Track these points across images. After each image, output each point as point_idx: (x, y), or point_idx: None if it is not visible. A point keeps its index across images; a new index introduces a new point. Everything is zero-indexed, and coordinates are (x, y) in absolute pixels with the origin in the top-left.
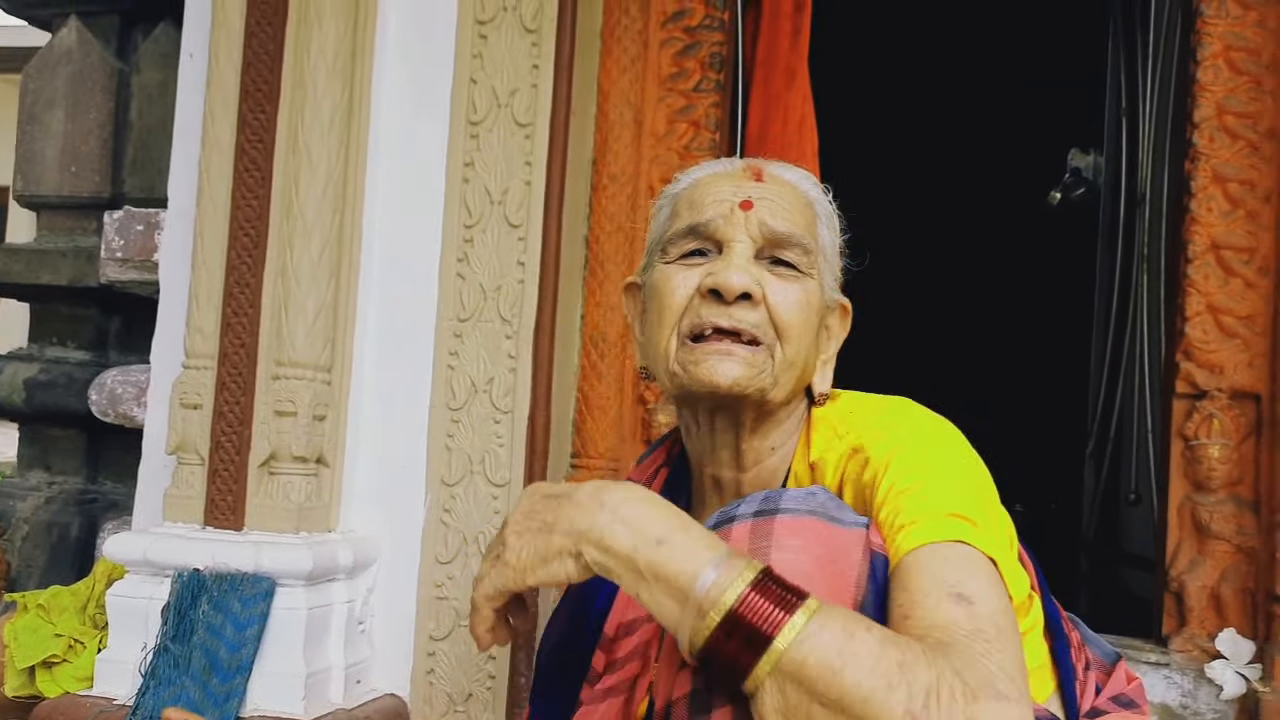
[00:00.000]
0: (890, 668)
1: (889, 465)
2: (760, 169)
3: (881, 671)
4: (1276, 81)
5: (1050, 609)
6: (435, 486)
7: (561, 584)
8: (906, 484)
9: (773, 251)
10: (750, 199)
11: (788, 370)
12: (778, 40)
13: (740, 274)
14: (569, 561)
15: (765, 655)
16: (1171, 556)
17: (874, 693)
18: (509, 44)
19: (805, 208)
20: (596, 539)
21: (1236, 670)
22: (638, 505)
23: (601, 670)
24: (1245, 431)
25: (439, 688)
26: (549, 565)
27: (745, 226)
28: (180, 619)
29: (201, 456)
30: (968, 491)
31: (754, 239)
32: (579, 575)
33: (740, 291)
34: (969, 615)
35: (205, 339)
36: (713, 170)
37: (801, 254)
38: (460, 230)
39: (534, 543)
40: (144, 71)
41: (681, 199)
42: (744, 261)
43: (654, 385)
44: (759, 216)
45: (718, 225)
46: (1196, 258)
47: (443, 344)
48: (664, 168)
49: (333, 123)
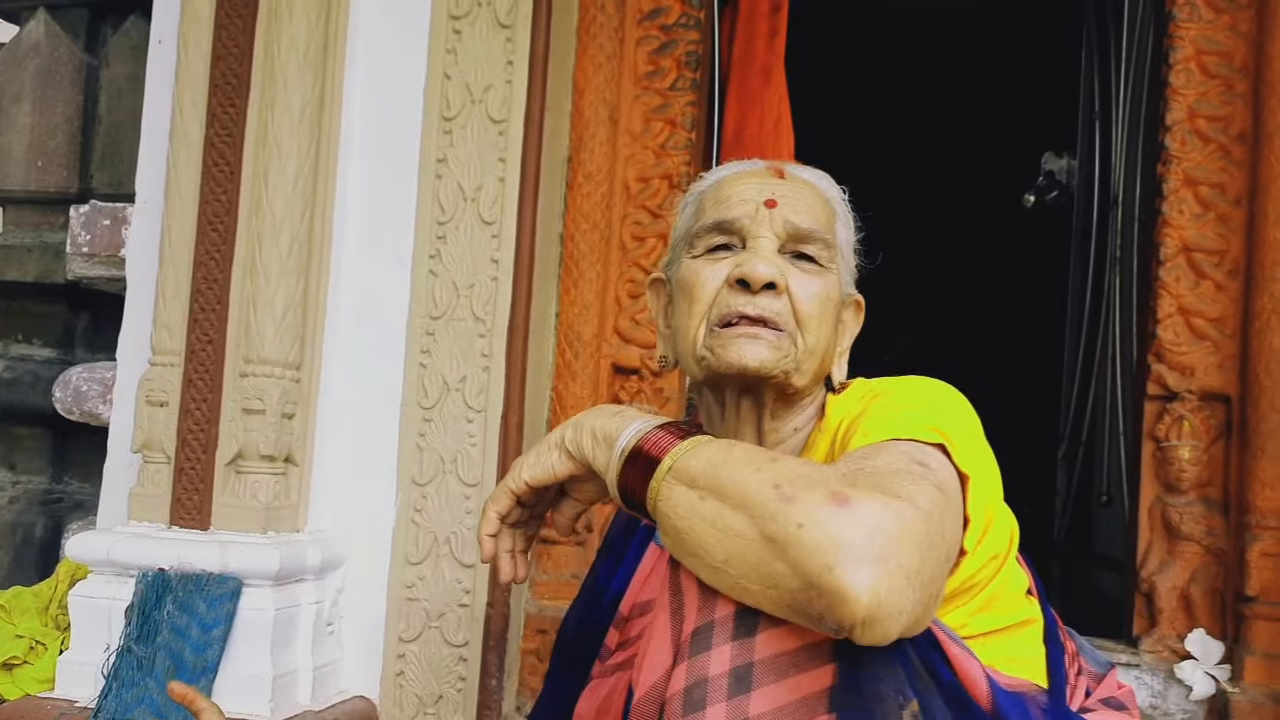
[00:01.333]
0: (763, 461)
1: (875, 400)
2: (782, 169)
3: (755, 463)
4: (1247, 85)
5: (1047, 616)
6: (406, 486)
7: (552, 472)
8: (886, 408)
9: (795, 246)
10: (774, 197)
11: (809, 357)
12: (754, 40)
13: (766, 264)
14: (555, 452)
15: (659, 466)
16: (1142, 558)
17: (746, 475)
18: (483, 39)
19: (824, 205)
20: (574, 426)
21: (1206, 671)
22: (603, 411)
23: (614, 648)
24: (1215, 433)
25: (409, 689)
26: (541, 460)
27: (770, 223)
28: (144, 620)
29: (167, 455)
30: (954, 422)
31: (778, 234)
32: (561, 462)
33: (766, 281)
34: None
35: (172, 335)
36: (736, 169)
37: (822, 249)
38: (433, 227)
39: (532, 453)
40: (113, 65)
41: (707, 196)
42: (769, 254)
43: (629, 385)
44: (783, 214)
45: (743, 222)
46: (1168, 260)
47: (415, 342)
48: (640, 166)
49: (303, 117)
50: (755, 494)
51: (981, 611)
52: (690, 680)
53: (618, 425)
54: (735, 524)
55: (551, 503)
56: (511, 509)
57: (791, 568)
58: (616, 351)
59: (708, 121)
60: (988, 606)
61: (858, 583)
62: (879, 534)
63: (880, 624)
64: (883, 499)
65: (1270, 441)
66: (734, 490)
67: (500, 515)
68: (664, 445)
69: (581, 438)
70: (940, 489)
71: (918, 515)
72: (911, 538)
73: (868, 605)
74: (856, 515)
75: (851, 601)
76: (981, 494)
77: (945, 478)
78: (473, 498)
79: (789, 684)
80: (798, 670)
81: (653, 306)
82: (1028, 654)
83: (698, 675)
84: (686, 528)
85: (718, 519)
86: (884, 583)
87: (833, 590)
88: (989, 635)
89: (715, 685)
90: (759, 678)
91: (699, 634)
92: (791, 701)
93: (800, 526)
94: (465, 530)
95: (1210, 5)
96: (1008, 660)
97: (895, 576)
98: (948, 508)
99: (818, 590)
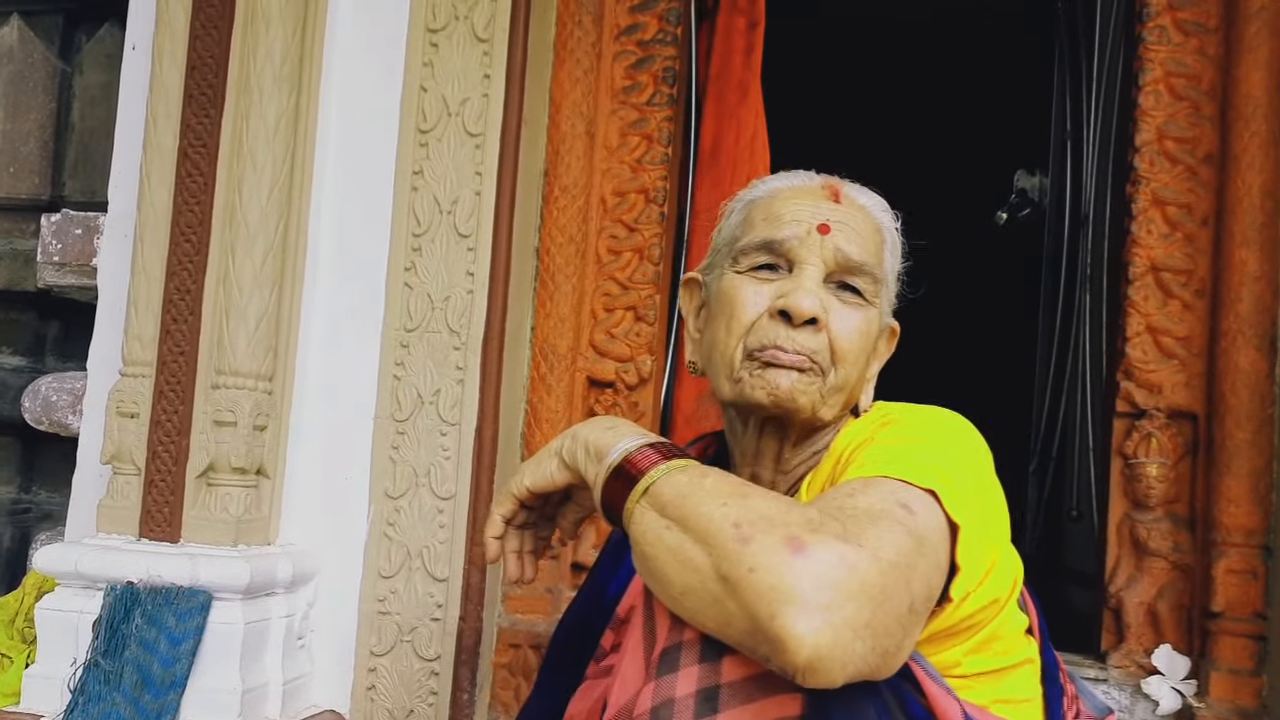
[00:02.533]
0: (732, 495)
1: (883, 428)
2: (838, 189)
3: (722, 497)
4: (1215, 108)
5: (1049, 658)
6: (379, 499)
7: (550, 480)
8: (889, 440)
9: (842, 277)
10: (828, 223)
11: (837, 393)
12: (731, 57)
13: (810, 298)
14: (554, 460)
15: (635, 488)
16: (1110, 573)
17: (710, 509)
18: (460, 53)
19: (875, 234)
20: (571, 437)
21: (1172, 686)
22: (599, 424)
23: (609, 649)
24: (1182, 451)
25: (380, 704)
26: (542, 467)
27: (820, 250)
28: (112, 633)
29: (138, 466)
30: (955, 465)
31: (826, 263)
32: (559, 470)
33: (809, 316)
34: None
35: (144, 346)
36: (791, 183)
37: (869, 282)
38: (408, 239)
39: (535, 459)
40: (87, 73)
41: (758, 207)
42: (814, 285)
43: (605, 399)
44: (835, 242)
45: (793, 245)
46: (1137, 279)
47: (389, 354)
48: (616, 180)
49: (279, 128)
50: (716, 531)
51: (977, 652)
52: (657, 700)
53: (609, 441)
54: (695, 558)
55: (559, 506)
56: (515, 512)
57: (741, 609)
58: (592, 365)
59: (684, 137)
60: (984, 647)
61: (799, 632)
62: (828, 585)
63: (822, 673)
64: (840, 547)
65: (1236, 459)
66: (697, 524)
67: (504, 518)
68: (644, 467)
69: (576, 449)
70: (915, 536)
71: (875, 567)
72: (863, 590)
73: (808, 656)
74: (809, 563)
75: (792, 651)
76: (979, 540)
77: (927, 525)
78: (446, 511)
79: (755, 708)
80: (764, 695)
81: (684, 307)
82: (1024, 694)
83: (665, 696)
84: (652, 554)
85: (679, 550)
86: (827, 635)
87: (775, 637)
88: (985, 675)
89: (682, 706)
90: (725, 701)
91: (667, 654)
92: None
93: (751, 570)
94: (438, 544)
95: (1179, 29)
96: (1003, 700)
97: (840, 629)
98: (920, 557)
99: (763, 635)
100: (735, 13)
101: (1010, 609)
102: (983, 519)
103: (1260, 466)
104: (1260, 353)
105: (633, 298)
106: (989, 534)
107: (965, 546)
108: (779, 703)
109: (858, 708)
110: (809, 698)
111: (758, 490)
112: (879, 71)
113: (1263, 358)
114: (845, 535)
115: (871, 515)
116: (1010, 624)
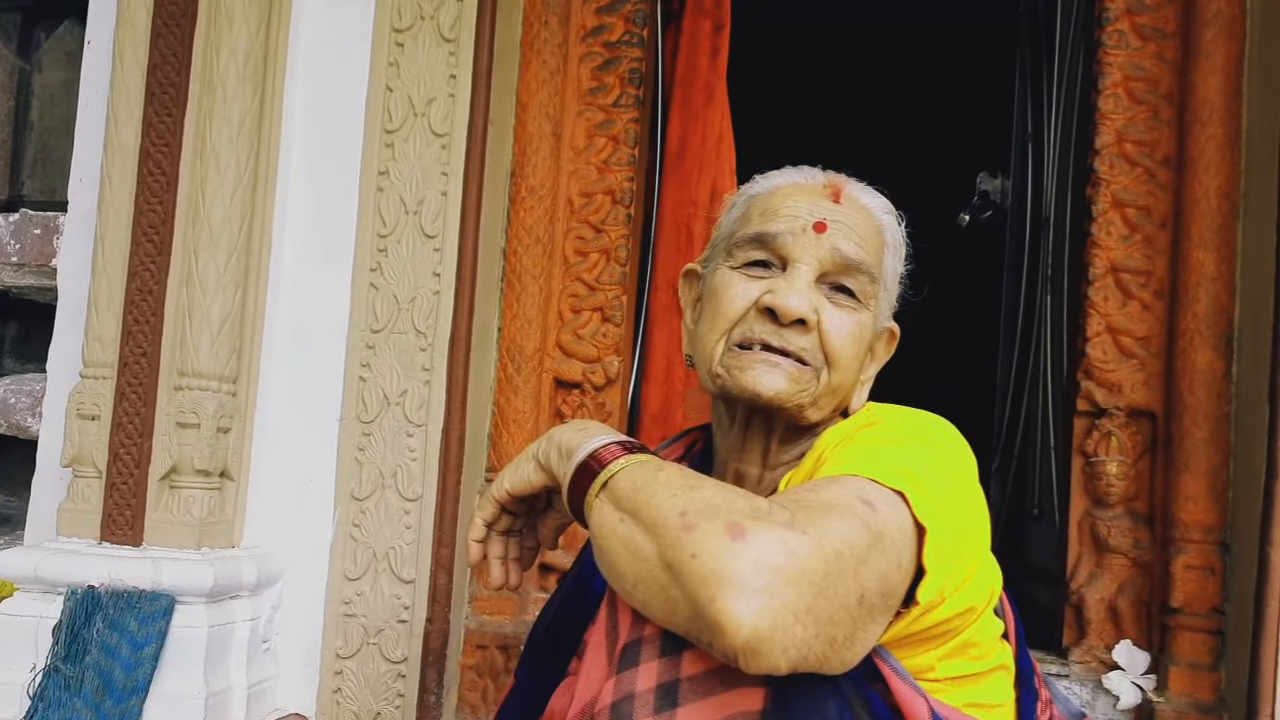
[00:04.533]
0: (681, 486)
1: (865, 428)
2: (840, 188)
3: (671, 489)
4: (1173, 111)
5: (1024, 663)
6: (345, 501)
7: (528, 482)
8: (866, 440)
9: (837, 278)
10: (825, 221)
11: (830, 395)
12: (697, 59)
13: (799, 298)
14: (531, 463)
15: (595, 481)
16: (1072, 570)
17: (660, 500)
18: (426, 53)
19: (875, 235)
20: (547, 439)
21: (1133, 680)
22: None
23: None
24: (1141, 449)
25: (346, 707)
26: (520, 470)
27: (815, 249)
28: (72, 638)
29: (99, 469)
30: (930, 469)
31: (820, 262)
32: (536, 473)
33: (796, 317)
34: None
35: (105, 347)
36: (792, 180)
37: (866, 283)
38: (374, 240)
39: (514, 463)
40: (46, 70)
41: (756, 203)
42: (804, 285)
43: (571, 399)
44: (831, 241)
45: (786, 241)
46: (1097, 280)
47: (354, 355)
48: (583, 181)
49: (242, 128)
50: (663, 520)
51: (952, 657)
52: (618, 695)
53: (579, 440)
54: (644, 548)
55: (543, 514)
56: (497, 516)
57: (684, 596)
58: (559, 366)
59: (651, 138)
60: (959, 653)
61: (738, 615)
62: (767, 569)
63: (763, 655)
64: (782, 533)
65: (1193, 457)
66: (647, 515)
67: (486, 522)
68: (607, 461)
69: (550, 450)
70: (872, 531)
71: (817, 554)
72: (803, 576)
73: (746, 638)
74: (749, 548)
75: (730, 633)
76: (950, 546)
77: (888, 523)
78: (413, 513)
79: (715, 702)
80: (725, 689)
81: (683, 298)
82: (997, 699)
83: (625, 691)
84: (607, 547)
85: (631, 541)
86: (765, 618)
87: (714, 621)
88: (959, 680)
89: (642, 701)
90: (685, 695)
91: (628, 650)
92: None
93: (693, 557)
94: (404, 545)
95: (1138, 33)
96: (976, 705)
97: (780, 613)
98: (876, 552)
99: (704, 620)
100: (701, 15)
101: (986, 616)
102: (957, 526)
103: (1218, 464)
104: (1217, 352)
105: (599, 299)
106: (964, 541)
107: (933, 550)
108: (741, 696)
109: (819, 702)
110: (771, 691)
111: (712, 483)
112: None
113: (1220, 357)
114: (790, 523)
115: (826, 506)
116: (986, 630)
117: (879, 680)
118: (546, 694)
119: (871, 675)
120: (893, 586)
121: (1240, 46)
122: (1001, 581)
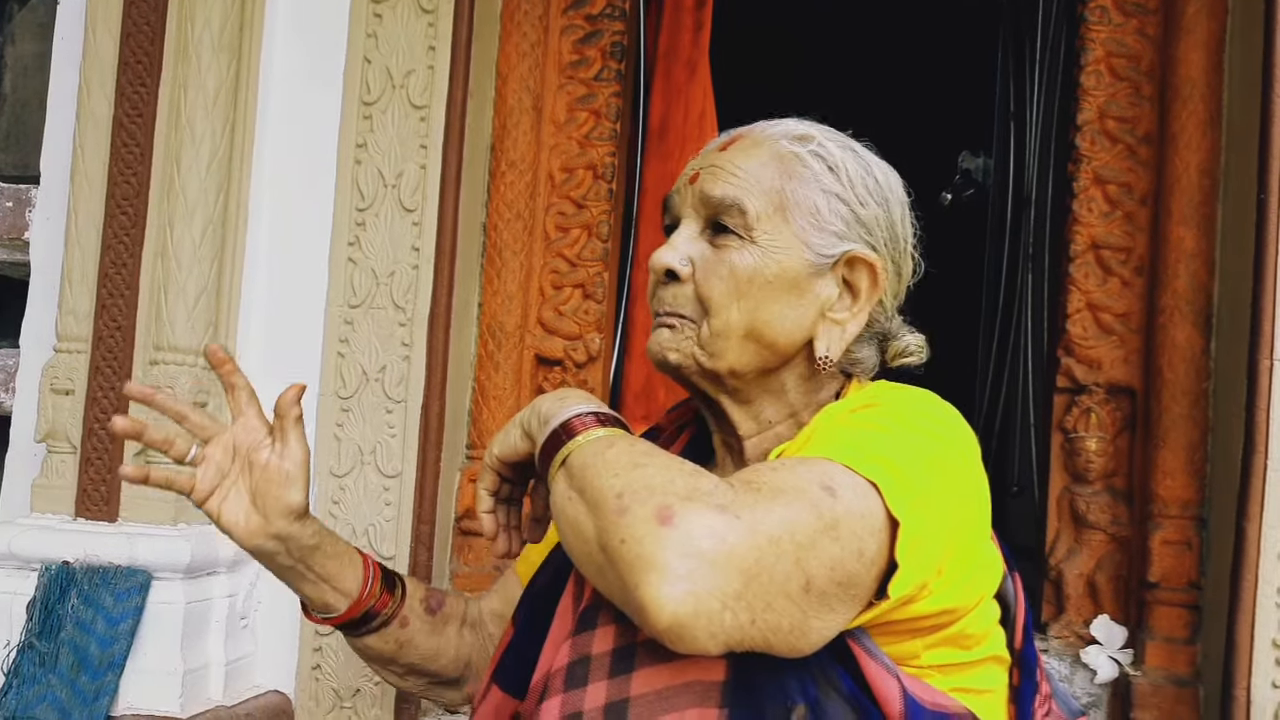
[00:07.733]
0: (625, 465)
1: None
2: (737, 135)
3: (615, 468)
4: (1154, 88)
5: (1029, 651)
6: (323, 477)
7: (515, 449)
8: (855, 424)
9: (714, 218)
10: (699, 169)
11: (721, 340)
12: (680, 34)
13: (665, 253)
14: (517, 429)
15: (557, 454)
16: (1051, 546)
17: (603, 480)
18: (405, 23)
19: (772, 163)
20: (531, 408)
21: (1110, 655)
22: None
23: None
24: (1120, 425)
25: (325, 683)
26: (508, 436)
27: (690, 199)
28: (47, 614)
29: (73, 444)
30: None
31: (695, 210)
32: (520, 439)
33: (663, 270)
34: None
35: (79, 321)
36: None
37: (738, 216)
38: (352, 213)
39: (501, 431)
40: (19, 43)
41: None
42: (680, 240)
43: (553, 376)
44: (700, 186)
45: (674, 202)
46: (1077, 257)
47: (333, 330)
48: (564, 156)
49: (218, 98)
50: (602, 503)
51: (939, 646)
52: (574, 656)
53: (555, 409)
54: (586, 529)
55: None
56: (497, 484)
57: (616, 579)
58: (540, 342)
59: (633, 113)
60: (948, 643)
61: (661, 600)
62: (691, 555)
63: (687, 640)
64: (711, 518)
65: (1172, 433)
66: (590, 494)
67: (489, 490)
68: (574, 433)
69: (532, 417)
70: (825, 518)
71: (748, 539)
72: (730, 561)
73: (668, 623)
74: (675, 533)
75: (653, 618)
76: (930, 542)
77: (849, 511)
78: (392, 489)
79: (673, 668)
80: (684, 656)
81: None
82: (985, 686)
83: (581, 652)
84: (560, 524)
85: (576, 519)
86: (688, 604)
87: (640, 605)
88: (946, 667)
89: (598, 663)
90: (641, 659)
91: (586, 613)
92: (675, 685)
93: (622, 542)
94: (384, 522)
95: (1120, 9)
96: (963, 690)
97: (704, 599)
98: (828, 540)
99: (633, 604)
100: None
101: (981, 608)
102: (942, 522)
103: (1196, 440)
104: (1196, 329)
105: (581, 275)
106: (953, 538)
107: (907, 545)
108: (700, 666)
109: (781, 678)
110: (732, 663)
111: (661, 460)
112: (824, 52)
113: (1199, 334)
114: (725, 506)
115: (775, 490)
116: (980, 622)
117: (850, 659)
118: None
119: (843, 655)
120: (853, 577)
121: (1222, 22)
122: (1004, 571)
